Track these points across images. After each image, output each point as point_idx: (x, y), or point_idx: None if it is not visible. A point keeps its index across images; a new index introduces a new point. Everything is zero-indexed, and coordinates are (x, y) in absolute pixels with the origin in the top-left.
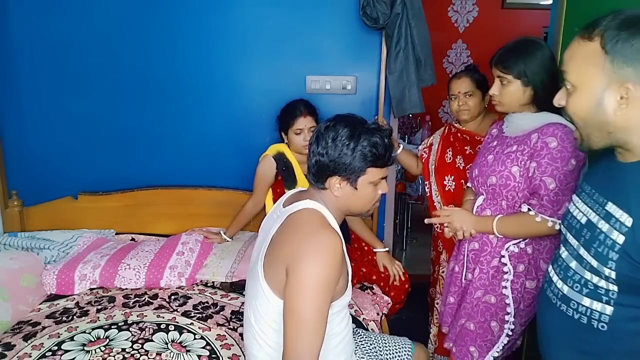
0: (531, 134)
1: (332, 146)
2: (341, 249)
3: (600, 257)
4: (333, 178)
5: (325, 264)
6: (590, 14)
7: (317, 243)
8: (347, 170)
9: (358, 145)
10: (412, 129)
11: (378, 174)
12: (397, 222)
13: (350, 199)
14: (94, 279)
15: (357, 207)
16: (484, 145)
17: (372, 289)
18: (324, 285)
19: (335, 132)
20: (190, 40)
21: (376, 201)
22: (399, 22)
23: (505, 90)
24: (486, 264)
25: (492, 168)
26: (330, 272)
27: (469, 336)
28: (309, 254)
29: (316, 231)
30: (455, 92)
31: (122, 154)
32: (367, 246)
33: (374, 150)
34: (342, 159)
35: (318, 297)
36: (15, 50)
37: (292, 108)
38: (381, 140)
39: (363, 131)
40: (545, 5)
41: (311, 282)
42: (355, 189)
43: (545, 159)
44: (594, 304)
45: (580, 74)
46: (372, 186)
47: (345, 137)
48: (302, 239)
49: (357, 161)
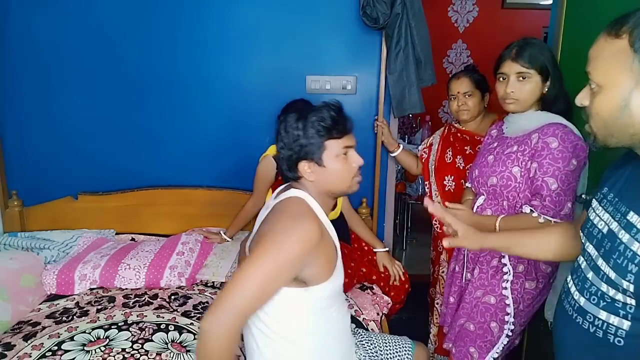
0: (531, 134)
1: (286, 136)
2: (314, 239)
3: (619, 269)
4: (300, 164)
5: (292, 243)
6: (591, 14)
7: (292, 223)
8: (308, 152)
9: (307, 124)
10: (412, 129)
11: (338, 145)
12: (397, 222)
13: (325, 179)
14: (94, 279)
15: (335, 186)
16: (484, 146)
17: (372, 289)
18: (281, 259)
19: (285, 122)
20: (190, 40)
21: (354, 175)
22: (399, 22)
23: (524, 86)
24: (486, 263)
25: (492, 169)
26: (294, 252)
27: (468, 337)
28: (282, 229)
29: (295, 216)
30: (454, 92)
31: (122, 154)
32: (367, 246)
33: (322, 123)
34: (298, 143)
35: (269, 266)
36: (15, 50)
37: (292, 108)
38: (327, 112)
39: (309, 111)
40: (545, 5)
41: (271, 250)
42: (324, 167)
43: (546, 160)
44: (610, 317)
45: (606, 74)
46: (341, 159)
47: (294, 121)
48: (280, 219)
49: (312, 139)
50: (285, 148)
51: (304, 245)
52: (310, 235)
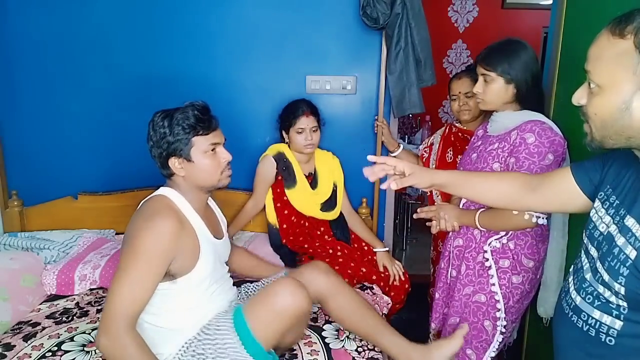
0: (511, 132)
1: (154, 134)
2: (169, 233)
3: (612, 271)
4: (171, 161)
5: (148, 242)
6: (591, 14)
7: (145, 223)
8: (176, 148)
9: (173, 122)
10: (412, 129)
11: (205, 141)
12: (397, 222)
13: (195, 174)
14: (94, 279)
15: (204, 180)
16: (470, 146)
17: (372, 289)
18: (144, 259)
19: (153, 122)
20: (190, 40)
21: (223, 169)
22: (399, 22)
23: (488, 87)
24: (472, 259)
25: (475, 166)
26: (152, 249)
27: (464, 339)
28: (137, 232)
29: (147, 217)
30: (455, 93)
31: (122, 153)
32: (367, 246)
33: (188, 121)
34: (165, 139)
35: (135, 268)
36: (15, 50)
37: (294, 107)
38: (192, 110)
39: (176, 110)
40: (545, 5)
41: (131, 254)
42: (192, 162)
43: (522, 154)
44: (603, 317)
45: (608, 75)
46: (209, 155)
47: (160, 120)
48: (135, 222)
49: (178, 135)
50: (154, 146)
51: (160, 240)
52: (163, 230)
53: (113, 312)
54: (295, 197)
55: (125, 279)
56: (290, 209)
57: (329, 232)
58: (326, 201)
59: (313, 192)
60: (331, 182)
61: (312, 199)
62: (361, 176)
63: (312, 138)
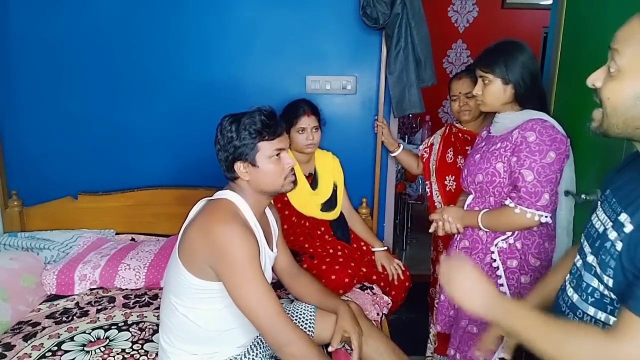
0: (513, 131)
1: (221, 138)
2: (250, 234)
3: (603, 264)
4: (236, 165)
5: (238, 245)
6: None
7: (227, 232)
8: (242, 153)
9: (240, 126)
10: (412, 129)
11: (270, 146)
12: (397, 222)
13: (259, 178)
14: (94, 279)
15: (268, 185)
16: (474, 147)
17: (372, 289)
18: (246, 260)
19: (221, 126)
20: (190, 40)
21: (287, 175)
22: (399, 22)
23: (487, 89)
24: (479, 261)
25: (478, 166)
26: (246, 249)
27: (472, 340)
28: (223, 243)
29: (225, 223)
30: (456, 93)
31: (122, 154)
32: (367, 246)
33: (254, 126)
34: (232, 144)
35: (248, 271)
36: (14, 50)
37: (295, 107)
38: (259, 116)
39: (243, 115)
40: (545, 5)
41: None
42: (257, 167)
43: (523, 153)
44: (598, 313)
45: (633, 59)
46: (274, 160)
47: (228, 124)
48: (210, 230)
49: (244, 140)
50: (221, 150)
51: (247, 243)
52: (245, 234)
53: (269, 320)
54: (295, 198)
55: (250, 292)
56: (291, 209)
57: (329, 232)
58: (326, 201)
59: (313, 192)
60: (331, 183)
61: (312, 200)
62: (361, 176)
63: (313, 137)
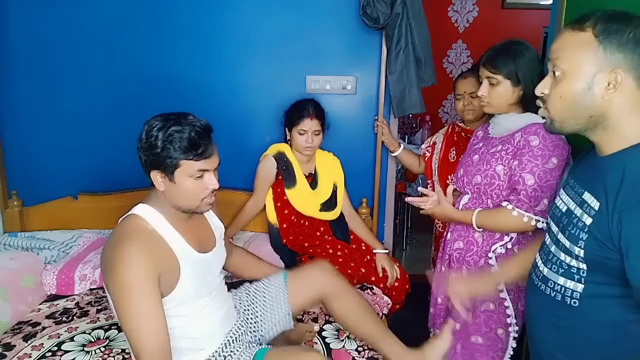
0: (515, 134)
1: (145, 139)
2: (143, 254)
3: (572, 237)
4: (153, 173)
5: (127, 271)
6: None
7: (117, 254)
8: (161, 164)
9: (166, 136)
10: (412, 129)
11: (194, 166)
12: (397, 222)
13: (174, 193)
14: (94, 279)
15: (182, 202)
16: (470, 147)
17: (372, 289)
18: (132, 288)
19: (149, 125)
20: (190, 40)
21: (205, 197)
22: (399, 22)
23: (494, 90)
24: (473, 263)
25: (477, 167)
26: (135, 275)
27: (479, 351)
28: (112, 265)
29: (119, 245)
30: (461, 92)
31: (122, 153)
32: (367, 246)
33: (181, 143)
34: (153, 151)
35: (132, 296)
36: (14, 50)
37: (300, 108)
38: (190, 132)
39: (174, 123)
40: (545, 5)
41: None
42: (174, 182)
43: (526, 157)
44: (567, 282)
45: (572, 60)
46: (193, 180)
47: (156, 129)
48: (108, 250)
49: (168, 152)
50: (141, 150)
51: (137, 266)
52: (136, 256)
53: (145, 355)
54: (294, 197)
55: (133, 319)
56: (290, 208)
57: (329, 232)
58: (326, 201)
59: (313, 192)
60: (331, 183)
61: (311, 199)
62: (361, 176)
63: (312, 141)
